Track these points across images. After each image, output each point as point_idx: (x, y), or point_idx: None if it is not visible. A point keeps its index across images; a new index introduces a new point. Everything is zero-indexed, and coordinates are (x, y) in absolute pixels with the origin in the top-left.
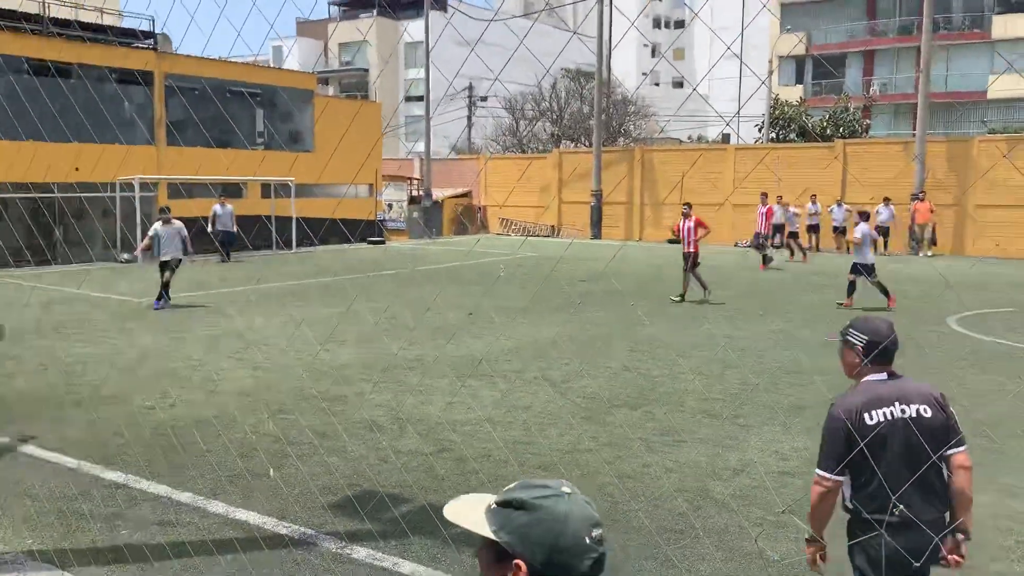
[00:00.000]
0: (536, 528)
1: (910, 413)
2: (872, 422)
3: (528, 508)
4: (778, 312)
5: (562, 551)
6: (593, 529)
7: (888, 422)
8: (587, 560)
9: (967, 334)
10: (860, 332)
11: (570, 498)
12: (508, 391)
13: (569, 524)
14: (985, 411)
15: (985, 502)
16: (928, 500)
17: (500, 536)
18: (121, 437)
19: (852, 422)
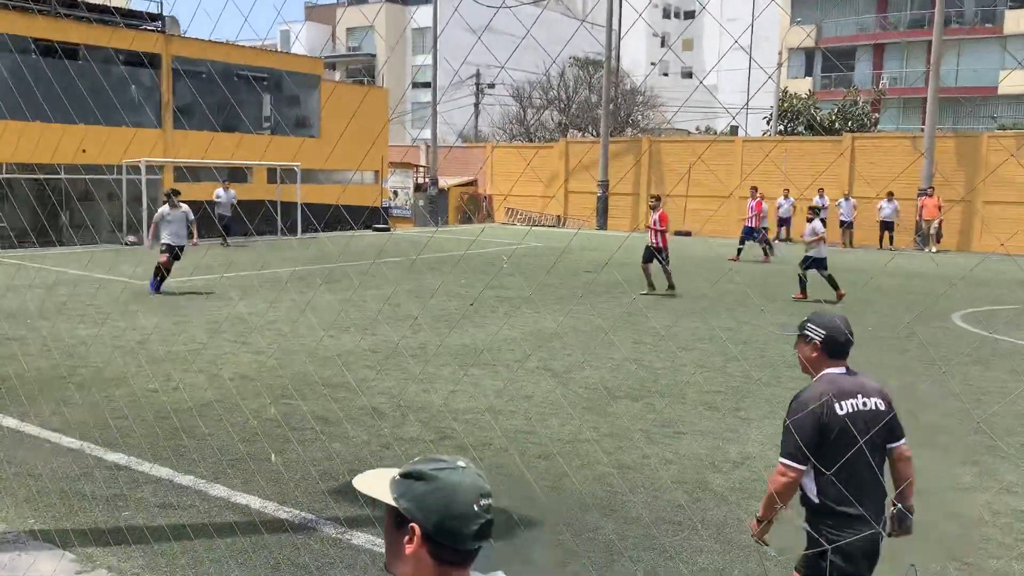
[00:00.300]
0: (431, 496)
1: (870, 406)
2: (841, 412)
3: (425, 479)
4: (781, 305)
5: (453, 517)
6: (482, 499)
7: (853, 413)
8: (474, 526)
9: (972, 331)
10: (818, 327)
11: (463, 471)
12: (510, 380)
13: (459, 494)
14: (988, 408)
15: (984, 500)
16: (880, 491)
17: (400, 503)
18: (124, 419)
19: (823, 413)
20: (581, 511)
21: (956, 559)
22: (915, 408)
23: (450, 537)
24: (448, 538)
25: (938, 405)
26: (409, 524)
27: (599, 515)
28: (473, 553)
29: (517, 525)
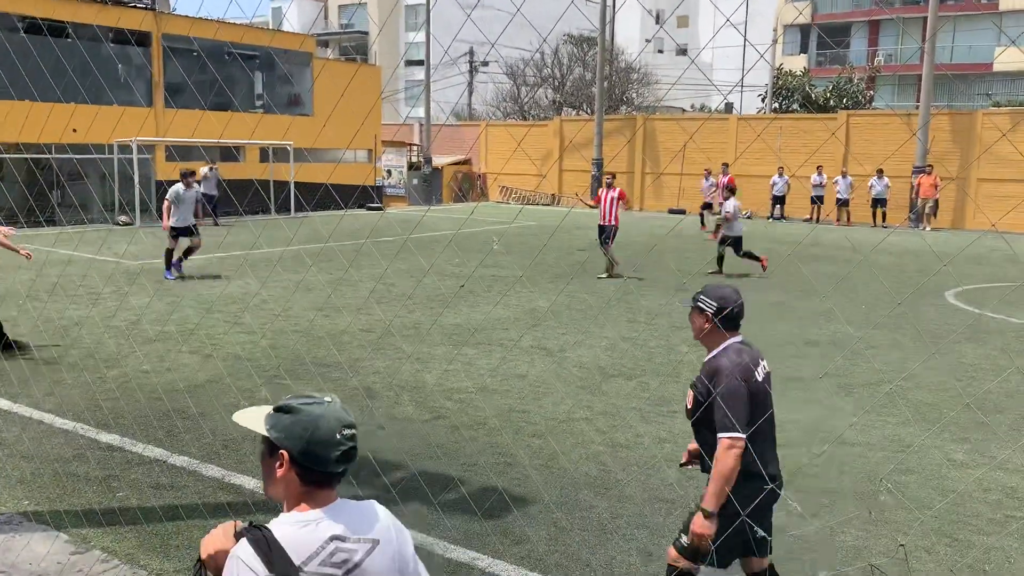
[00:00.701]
0: (296, 426)
1: (767, 368)
2: (760, 379)
3: (293, 411)
4: (775, 284)
5: (316, 443)
6: (344, 429)
7: (765, 378)
8: (336, 451)
9: (965, 308)
10: (710, 299)
11: (328, 405)
12: (504, 360)
13: (323, 424)
14: (980, 386)
15: (976, 476)
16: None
17: (271, 433)
18: (116, 400)
19: (749, 381)
20: (574, 490)
21: (946, 535)
22: (908, 385)
23: (314, 461)
24: (313, 462)
25: (930, 382)
26: (279, 451)
27: (592, 494)
28: (337, 475)
29: (510, 504)
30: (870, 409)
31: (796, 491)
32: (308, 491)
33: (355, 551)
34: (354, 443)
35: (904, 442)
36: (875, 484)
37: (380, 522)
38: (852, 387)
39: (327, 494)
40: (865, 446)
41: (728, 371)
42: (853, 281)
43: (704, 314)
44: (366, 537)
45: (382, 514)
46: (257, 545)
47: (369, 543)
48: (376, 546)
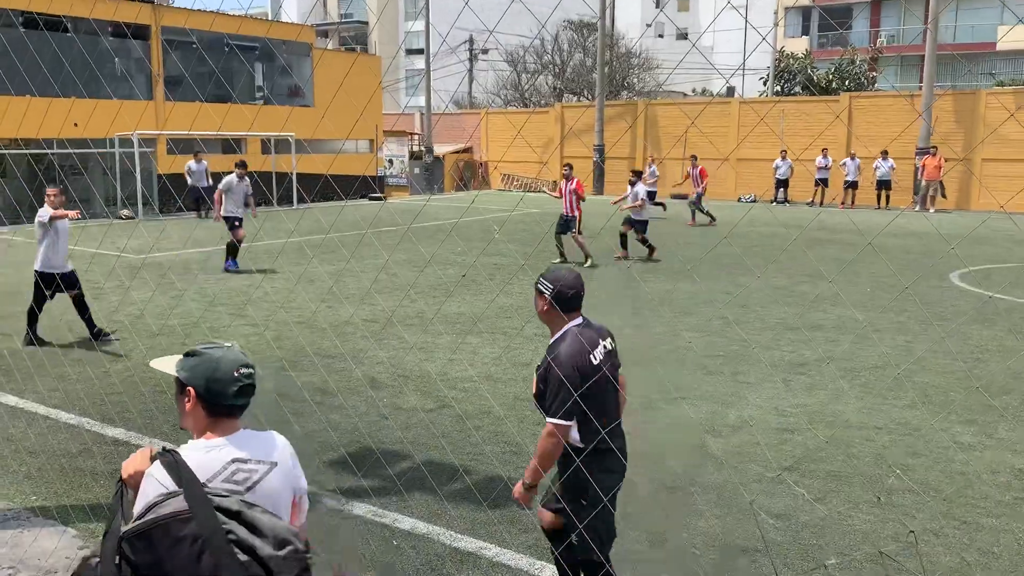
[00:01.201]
0: (200, 367)
1: (608, 347)
2: (596, 362)
3: (197, 355)
4: (780, 267)
5: (216, 380)
6: (241, 368)
7: (603, 359)
8: (235, 387)
9: (970, 289)
10: (549, 282)
11: (227, 349)
12: (508, 348)
13: (222, 364)
14: (986, 367)
15: (984, 458)
16: (622, 431)
17: (180, 374)
18: (121, 395)
19: (582, 367)
20: None
21: (955, 518)
22: (914, 368)
23: (216, 395)
24: (214, 396)
25: (937, 365)
26: (187, 388)
27: None
28: (238, 408)
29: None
30: (876, 392)
31: (803, 475)
32: (213, 422)
33: (255, 471)
34: (251, 380)
35: (911, 425)
36: (883, 468)
37: (278, 448)
38: (858, 371)
39: (230, 424)
40: (872, 429)
41: (561, 359)
42: (857, 264)
43: (543, 296)
44: (265, 460)
45: (280, 442)
46: (168, 465)
47: (268, 465)
48: (274, 468)
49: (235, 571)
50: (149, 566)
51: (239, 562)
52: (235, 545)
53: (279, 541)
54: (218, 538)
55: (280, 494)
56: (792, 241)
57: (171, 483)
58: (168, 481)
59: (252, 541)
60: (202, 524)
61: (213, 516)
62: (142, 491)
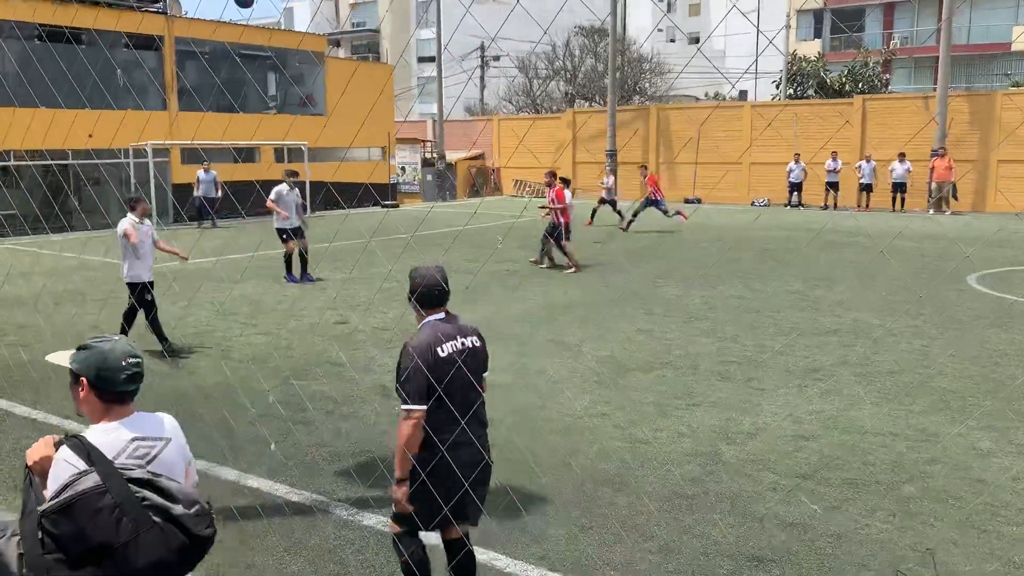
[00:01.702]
0: (91, 358)
1: (467, 344)
2: (443, 355)
3: (88, 348)
4: (796, 271)
5: (106, 370)
6: (129, 358)
7: (455, 352)
8: (123, 375)
9: (988, 292)
10: (414, 279)
11: (116, 342)
12: (520, 355)
13: (111, 355)
14: (1005, 371)
15: (1003, 465)
16: (476, 418)
17: (73, 365)
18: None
19: (431, 356)
20: (593, 487)
21: (975, 526)
22: (931, 373)
23: (107, 383)
24: (106, 384)
25: (954, 369)
26: (80, 379)
27: (611, 491)
28: (128, 393)
29: (528, 503)
30: (893, 398)
31: (819, 484)
32: (107, 407)
33: (153, 447)
34: (139, 369)
35: (929, 431)
36: (900, 475)
37: (168, 426)
38: (874, 376)
39: (124, 409)
40: (889, 436)
41: (409, 349)
42: (873, 268)
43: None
44: (160, 437)
45: (168, 421)
46: (77, 448)
47: (163, 441)
48: (168, 443)
49: (153, 531)
50: (72, 536)
51: (155, 523)
52: (150, 509)
53: (189, 502)
54: (133, 505)
55: (176, 464)
56: (805, 242)
57: (82, 463)
58: (79, 461)
59: (164, 504)
60: (117, 494)
61: (126, 486)
62: (53, 475)
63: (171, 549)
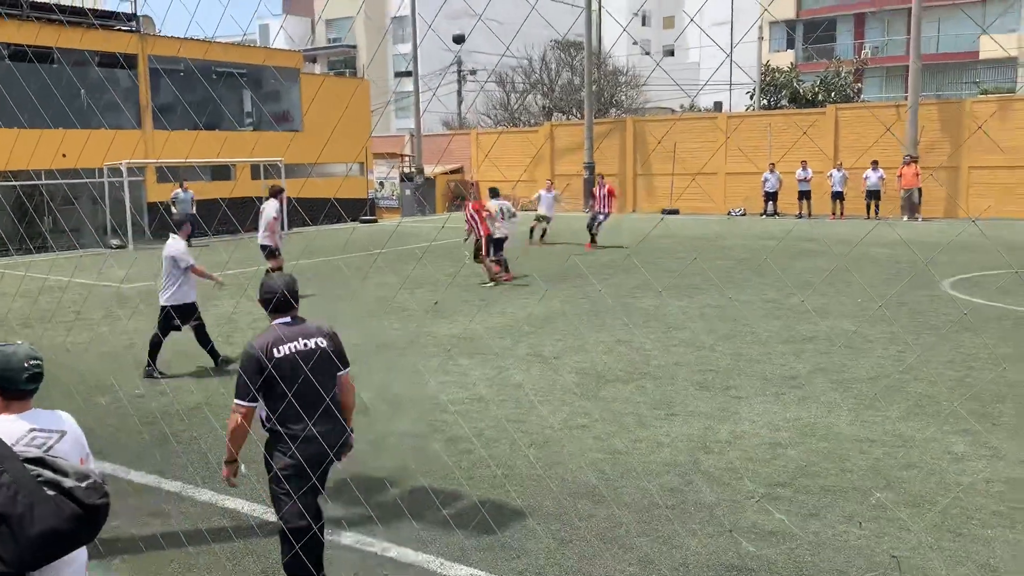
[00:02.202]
0: None
1: (311, 345)
2: (280, 355)
3: None
4: (770, 280)
5: (9, 370)
6: (30, 360)
7: (293, 354)
8: (25, 375)
9: (961, 297)
10: (261, 288)
11: (18, 346)
12: (500, 369)
13: (13, 357)
14: (979, 376)
15: (977, 468)
16: (326, 413)
17: None
18: (110, 427)
19: (263, 356)
20: (573, 499)
21: (951, 530)
22: (906, 378)
23: (10, 382)
24: (8, 383)
25: (929, 374)
26: None
27: (591, 503)
28: (29, 391)
29: (509, 517)
30: (869, 404)
31: (797, 491)
32: (7, 403)
33: (50, 437)
34: (39, 369)
35: (905, 436)
36: (877, 481)
37: (65, 421)
38: (850, 383)
39: (23, 404)
40: (866, 442)
41: (247, 349)
42: (848, 275)
43: (260, 300)
44: (56, 429)
45: (66, 417)
46: None
47: (59, 433)
48: (64, 435)
49: (46, 502)
50: None
51: (48, 496)
52: (43, 485)
53: (80, 476)
54: (27, 480)
55: (70, 454)
56: (771, 250)
57: None
58: None
59: (57, 478)
60: (12, 472)
61: (22, 465)
62: None
63: (64, 518)
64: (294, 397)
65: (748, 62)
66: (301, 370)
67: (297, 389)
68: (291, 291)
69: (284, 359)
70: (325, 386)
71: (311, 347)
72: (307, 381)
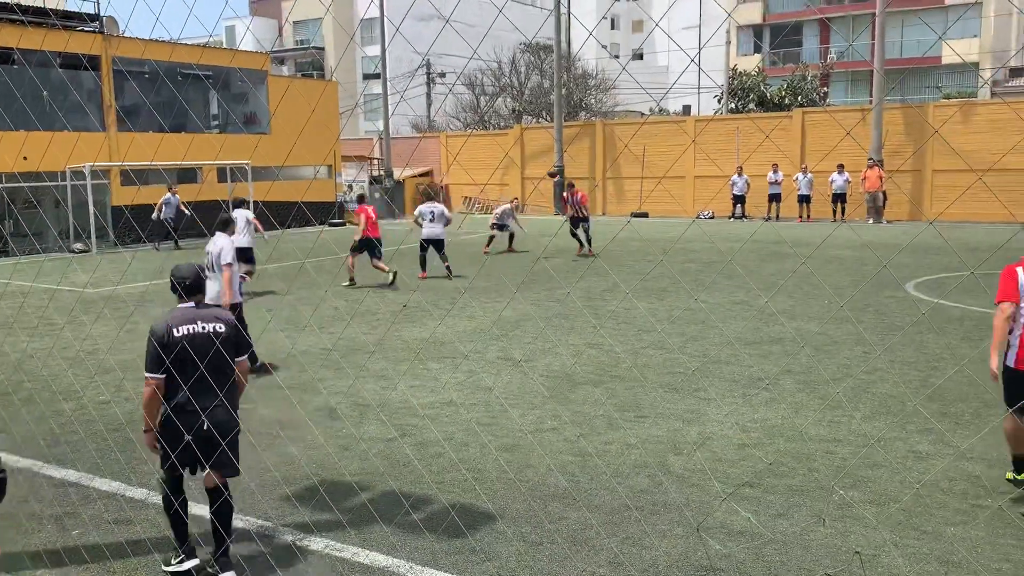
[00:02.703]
0: None
1: (208, 329)
2: (178, 334)
3: None
4: (738, 282)
5: None
6: None
7: (189, 335)
8: None
9: (924, 299)
10: (171, 274)
11: None
12: (470, 373)
13: None
14: (942, 376)
15: (940, 467)
16: (211, 389)
17: None
18: (74, 433)
19: (163, 335)
20: (543, 502)
21: (914, 527)
22: (871, 379)
23: None
24: None
25: (894, 375)
26: None
27: (562, 505)
28: None
29: (479, 520)
30: (835, 404)
31: (765, 491)
32: None
33: None
34: None
35: (870, 436)
36: (843, 481)
37: None
38: (817, 383)
39: None
40: (832, 442)
41: (152, 327)
42: (814, 277)
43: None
44: None
45: None
46: None
47: None
48: None
49: None
50: None
51: None
52: None
53: None
54: None
55: None
56: (737, 253)
57: None
58: None
59: None
60: None
61: None
62: None
63: None
64: (189, 373)
65: (716, 66)
66: (197, 350)
67: (192, 366)
68: (194, 279)
69: (181, 338)
70: (217, 366)
71: (208, 330)
72: (202, 359)
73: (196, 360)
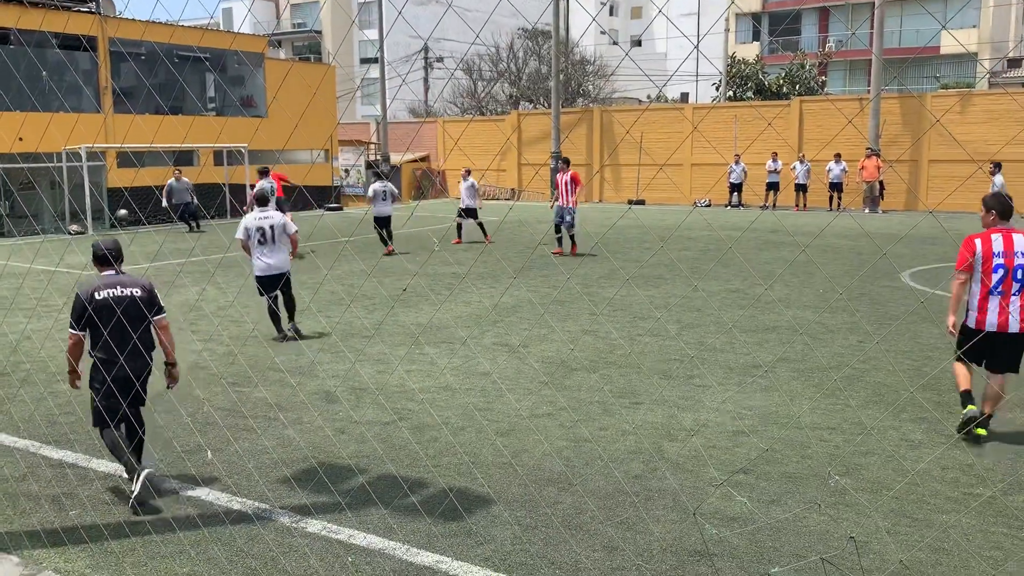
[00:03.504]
0: None
1: (126, 293)
2: (100, 297)
3: None
4: (734, 271)
5: None
6: None
7: (109, 298)
8: None
9: (919, 288)
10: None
11: None
12: (466, 358)
13: None
14: (936, 364)
15: (933, 455)
16: (135, 349)
17: None
18: (71, 415)
19: (88, 297)
20: (539, 487)
21: (906, 515)
22: (866, 368)
23: None
24: None
25: (888, 364)
26: None
27: (557, 490)
28: None
29: (475, 504)
30: (830, 393)
31: (759, 478)
32: None
33: None
34: None
35: (864, 424)
36: (837, 468)
37: None
38: (812, 372)
39: None
40: (826, 430)
41: (75, 290)
42: (810, 266)
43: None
44: None
45: None
46: None
47: None
48: None
49: None
50: None
51: None
52: None
53: None
54: None
55: None
56: (735, 241)
57: None
58: None
59: None
60: None
61: None
62: None
63: None
64: (108, 332)
65: (715, 53)
66: (115, 311)
67: (112, 325)
68: (114, 250)
69: (102, 301)
70: (134, 326)
71: (126, 295)
72: (120, 320)
73: (120, 318)
